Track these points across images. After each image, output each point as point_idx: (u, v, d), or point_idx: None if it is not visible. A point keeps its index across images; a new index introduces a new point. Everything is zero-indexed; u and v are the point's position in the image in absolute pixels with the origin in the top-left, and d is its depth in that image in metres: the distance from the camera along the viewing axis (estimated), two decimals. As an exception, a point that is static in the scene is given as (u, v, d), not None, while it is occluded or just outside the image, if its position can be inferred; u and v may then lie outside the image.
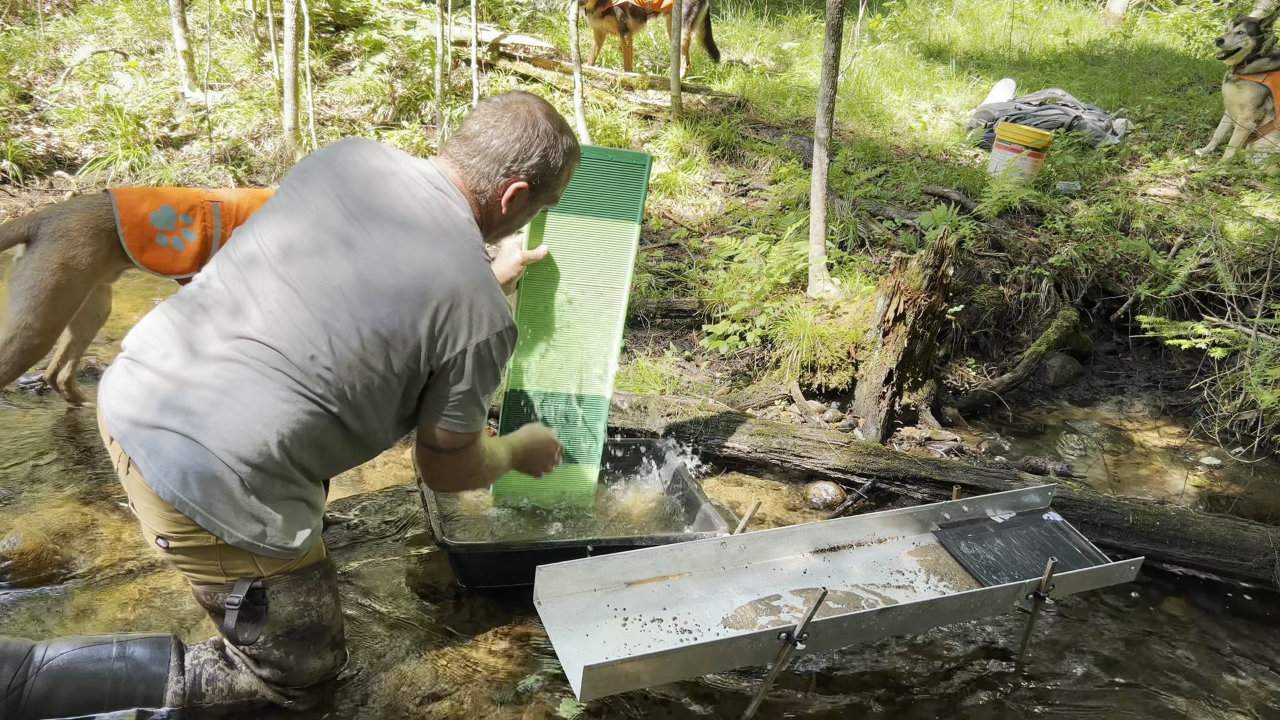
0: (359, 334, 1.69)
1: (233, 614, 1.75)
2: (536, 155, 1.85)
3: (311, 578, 1.87)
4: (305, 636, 1.89)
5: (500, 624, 2.35)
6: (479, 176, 1.84)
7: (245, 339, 1.69)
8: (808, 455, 3.24)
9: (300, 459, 1.73)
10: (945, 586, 2.42)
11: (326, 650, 1.95)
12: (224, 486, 1.65)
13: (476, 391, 1.80)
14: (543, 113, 1.86)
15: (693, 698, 2.18)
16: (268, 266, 1.73)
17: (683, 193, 5.83)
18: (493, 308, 1.76)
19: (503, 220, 1.92)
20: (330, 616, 1.94)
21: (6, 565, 2.27)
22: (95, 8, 7.19)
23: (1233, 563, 2.84)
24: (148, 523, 1.73)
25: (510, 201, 1.87)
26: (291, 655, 1.88)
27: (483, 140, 1.83)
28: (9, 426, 2.97)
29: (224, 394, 1.66)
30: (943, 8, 10.46)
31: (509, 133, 1.83)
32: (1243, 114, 6.01)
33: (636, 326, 4.30)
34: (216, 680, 1.89)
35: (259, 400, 1.66)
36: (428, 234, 1.74)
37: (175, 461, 1.63)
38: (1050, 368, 4.50)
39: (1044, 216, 5.22)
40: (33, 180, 5.51)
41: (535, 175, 1.86)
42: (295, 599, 1.85)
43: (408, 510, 2.82)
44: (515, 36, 7.17)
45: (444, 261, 1.72)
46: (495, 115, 1.84)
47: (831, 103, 4.19)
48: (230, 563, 1.75)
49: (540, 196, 1.93)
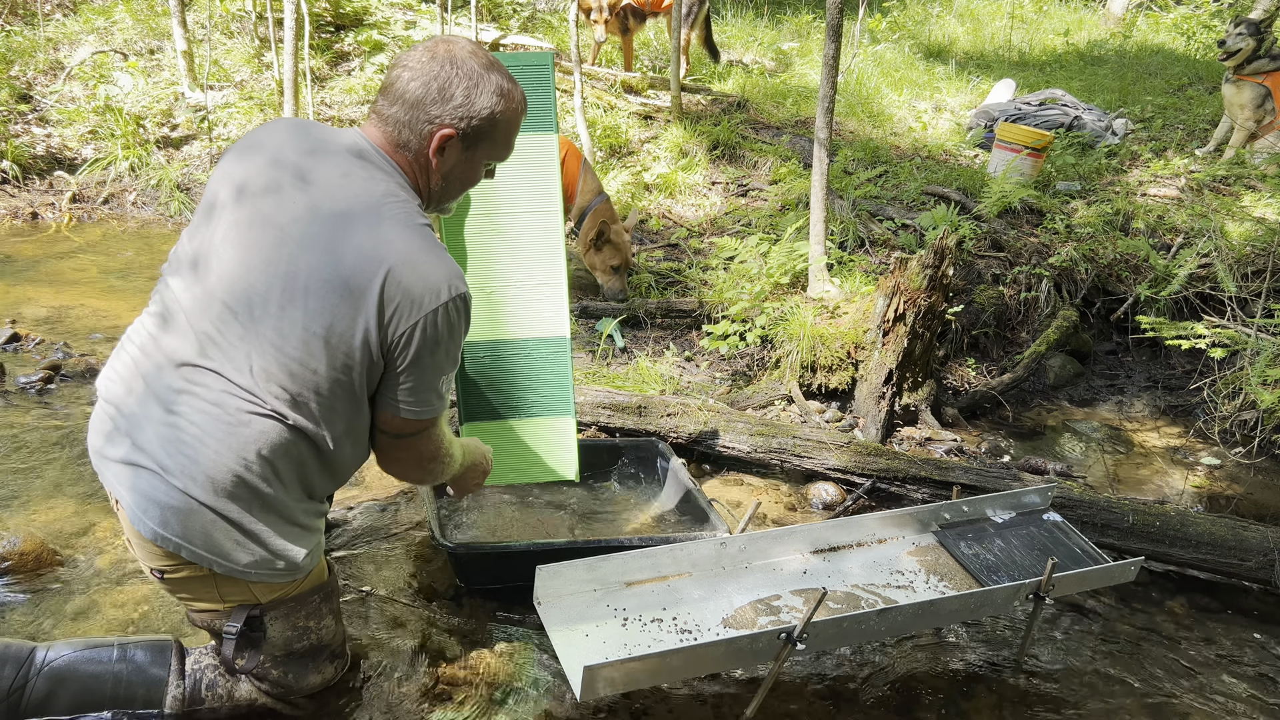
0: (298, 339, 1.58)
1: (230, 643, 1.74)
2: (459, 96, 1.61)
3: (310, 603, 1.83)
4: (304, 656, 1.88)
5: (500, 624, 2.35)
6: (399, 127, 1.64)
7: (190, 366, 1.60)
8: (808, 455, 3.24)
9: (272, 480, 1.64)
10: (945, 586, 2.42)
11: (325, 664, 1.94)
12: (202, 520, 1.60)
13: (429, 372, 1.65)
14: (466, 51, 1.65)
15: (693, 698, 2.18)
16: (203, 284, 1.62)
17: (683, 193, 5.83)
18: (434, 278, 1.58)
19: (440, 180, 1.71)
20: (330, 636, 1.91)
21: (6, 565, 2.27)
22: (95, 8, 7.19)
23: (1233, 563, 2.84)
24: (138, 557, 1.70)
25: (440, 154, 1.66)
26: (290, 674, 1.87)
27: (400, 86, 1.62)
28: (9, 426, 2.97)
29: (180, 428, 1.58)
30: (943, 8, 10.46)
31: (425, 73, 1.61)
32: (1243, 114, 6.01)
33: (636, 326, 4.30)
34: (216, 686, 1.88)
35: (215, 429, 1.58)
36: (355, 217, 1.58)
37: (152, 499, 1.58)
38: (1050, 368, 4.50)
39: (1044, 216, 5.22)
40: (33, 180, 5.52)
41: (461, 120, 1.63)
42: (294, 624, 1.82)
43: (407, 510, 2.82)
44: (515, 37, 7.17)
45: (370, 241, 1.57)
46: (414, 59, 1.64)
47: (831, 103, 4.19)
48: (226, 590, 1.72)
49: (478, 147, 1.69)
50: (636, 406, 3.31)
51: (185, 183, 5.73)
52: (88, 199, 5.50)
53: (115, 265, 4.70)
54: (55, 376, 3.34)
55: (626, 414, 3.29)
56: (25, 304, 4.05)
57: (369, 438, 1.77)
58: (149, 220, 5.48)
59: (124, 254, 4.86)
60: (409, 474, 1.91)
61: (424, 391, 1.68)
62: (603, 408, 3.31)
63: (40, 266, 4.57)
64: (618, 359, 4.00)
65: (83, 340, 3.73)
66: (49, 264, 4.61)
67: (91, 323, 3.93)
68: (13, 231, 5.04)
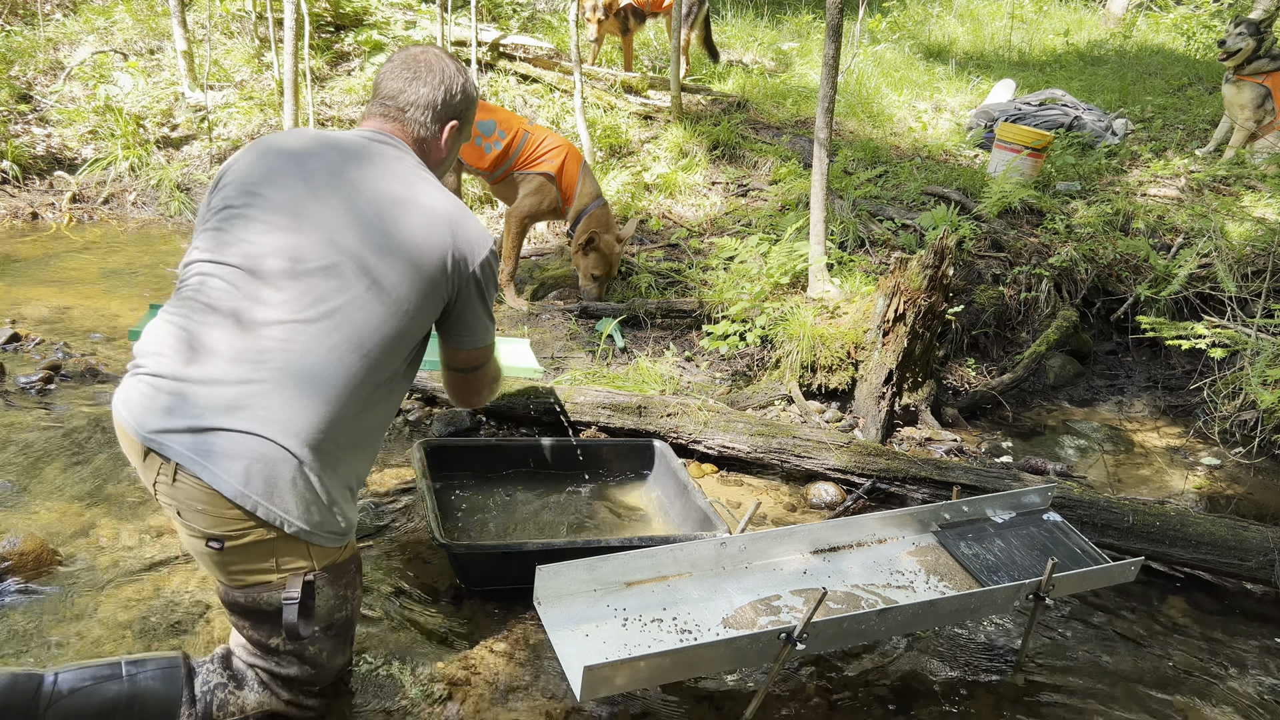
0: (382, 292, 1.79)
1: (291, 608, 1.76)
2: (459, 93, 2.03)
3: (349, 570, 1.89)
4: (340, 632, 1.91)
5: (500, 624, 2.35)
6: (418, 126, 1.99)
7: (278, 325, 1.72)
8: (808, 455, 3.24)
9: (347, 438, 1.78)
10: (945, 586, 2.42)
11: (348, 645, 1.98)
12: (285, 476, 1.68)
13: (489, 305, 1.97)
14: (446, 56, 2.04)
15: (693, 698, 2.18)
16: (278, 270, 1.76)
17: (683, 193, 5.83)
18: (479, 229, 1.92)
19: (441, 161, 2.07)
20: (356, 611, 1.97)
21: (6, 565, 2.27)
22: (95, 8, 7.19)
23: (1233, 563, 2.84)
24: (200, 526, 1.71)
25: (447, 142, 2.05)
26: (325, 651, 1.89)
27: (410, 94, 1.98)
28: (9, 426, 2.97)
29: (271, 385, 1.68)
30: (943, 8, 10.46)
31: (431, 81, 1.99)
32: (1243, 114, 6.01)
33: (636, 326, 4.30)
34: (228, 705, 1.87)
35: (306, 387, 1.70)
36: (410, 196, 1.87)
37: (236, 457, 1.65)
38: (1050, 368, 4.50)
39: (1044, 217, 5.22)
40: (33, 180, 5.52)
41: (460, 111, 2.04)
42: (337, 592, 1.86)
43: (407, 510, 2.82)
44: (515, 37, 7.16)
45: (431, 210, 1.87)
46: (410, 71, 1.99)
47: (831, 103, 4.19)
48: (284, 557, 1.76)
49: (464, 130, 2.10)
50: (636, 406, 3.31)
51: (185, 183, 5.73)
52: (88, 199, 5.50)
53: (115, 265, 4.70)
54: (55, 376, 3.34)
55: (626, 414, 3.29)
56: (25, 304, 4.05)
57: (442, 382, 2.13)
58: (149, 220, 5.48)
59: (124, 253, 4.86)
60: (484, 399, 2.21)
61: (485, 320, 1.97)
62: (603, 408, 3.31)
63: (40, 266, 4.57)
64: (618, 359, 3.99)
65: (83, 340, 3.73)
66: (49, 264, 4.61)
67: (91, 323, 3.93)
68: (13, 231, 5.05)
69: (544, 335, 4.10)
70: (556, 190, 4.31)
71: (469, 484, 2.87)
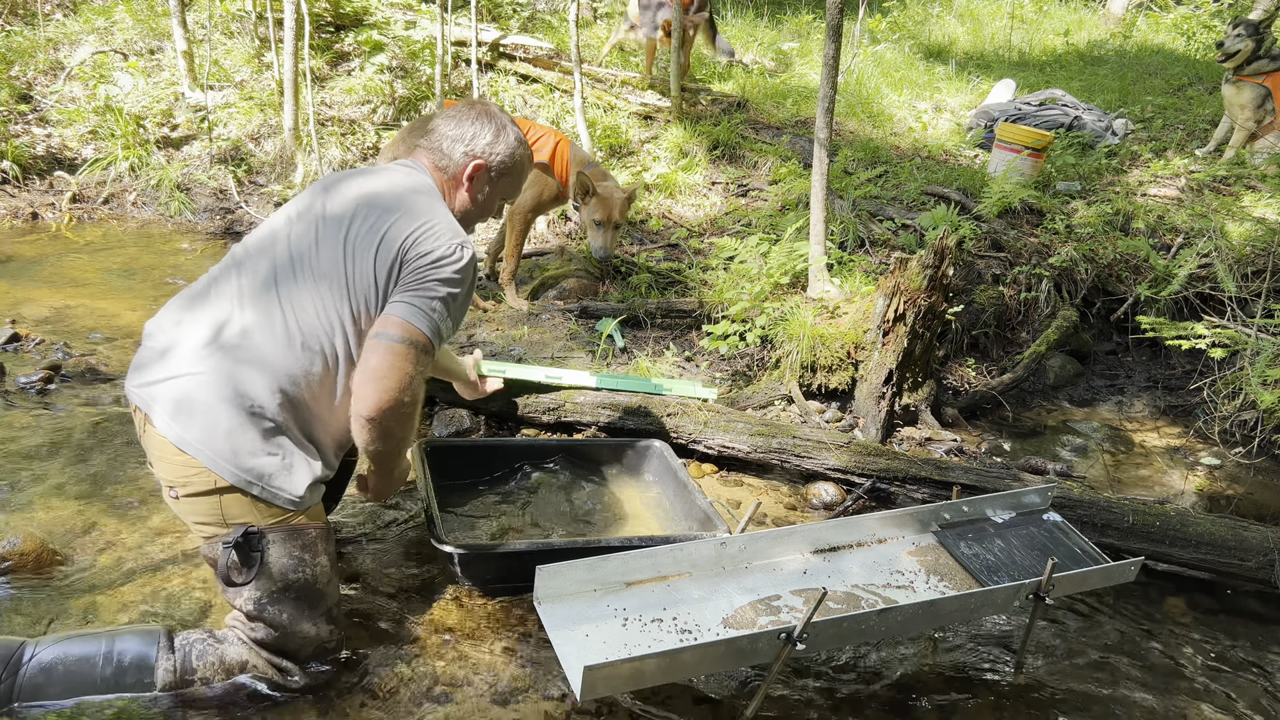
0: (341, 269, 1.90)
1: (227, 552, 1.81)
2: (489, 135, 2.13)
3: (307, 534, 1.93)
4: (300, 596, 1.93)
5: (500, 624, 2.35)
6: (440, 155, 2.13)
7: (253, 296, 1.88)
8: (808, 455, 3.24)
9: (303, 405, 1.87)
10: (945, 586, 2.42)
11: (321, 620, 1.98)
12: (226, 427, 1.78)
13: (434, 292, 1.91)
14: (495, 109, 2.19)
15: (693, 698, 2.18)
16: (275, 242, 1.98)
17: (683, 193, 5.83)
18: (453, 230, 1.96)
19: (465, 202, 2.15)
20: (325, 582, 1.97)
21: (6, 565, 2.27)
22: (95, 8, 7.19)
23: (1233, 563, 2.84)
24: (160, 473, 1.85)
25: (472, 180, 2.13)
26: (285, 614, 1.92)
27: (444, 129, 2.14)
28: (9, 426, 2.97)
29: (234, 345, 1.82)
30: (943, 8, 10.46)
31: (465, 119, 2.14)
32: (1243, 115, 6.01)
33: (636, 326, 4.30)
34: (206, 654, 1.92)
35: (266, 347, 1.83)
36: (396, 195, 2.00)
37: (181, 404, 1.79)
38: (1050, 368, 4.50)
39: (1044, 217, 5.22)
40: (33, 180, 5.52)
41: (490, 155, 2.13)
42: (290, 551, 1.90)
43: (407, 511, 2.82)
44: (515, 37, 7.17)
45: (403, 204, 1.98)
46: (456, 114, 2.17)
47: (831, 103, 4.19)
48: (230, 510, 1.83)
49: (500, 183, 2.17)
50: (636, 406, 3.31)
51: (185, 183, 5.73)
52: (88, 199, 5.50)
53: (115, 265, 4.70)
54: (55, 376, 3.34)
55: (626, 414, 3.29)
56: (25, 304, 4.05)
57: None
58: (149, 220, 5.48)
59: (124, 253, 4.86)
60: (390, 399, 1.83)
61: (425, 305, 1.90)
62: (603, 408, 3.31)
63: (40, 266, 4.57)
64: (618, 359, 3.99)
65: (83, 340, 3.73)
66: (49, 264, 4.61)
67: (91, 323, 3.93)
68: (13, 231, 5.05)
69: (544, 335, 4.10)
70: (554, 179, 4.28)
71: (469, 484, 2.87)
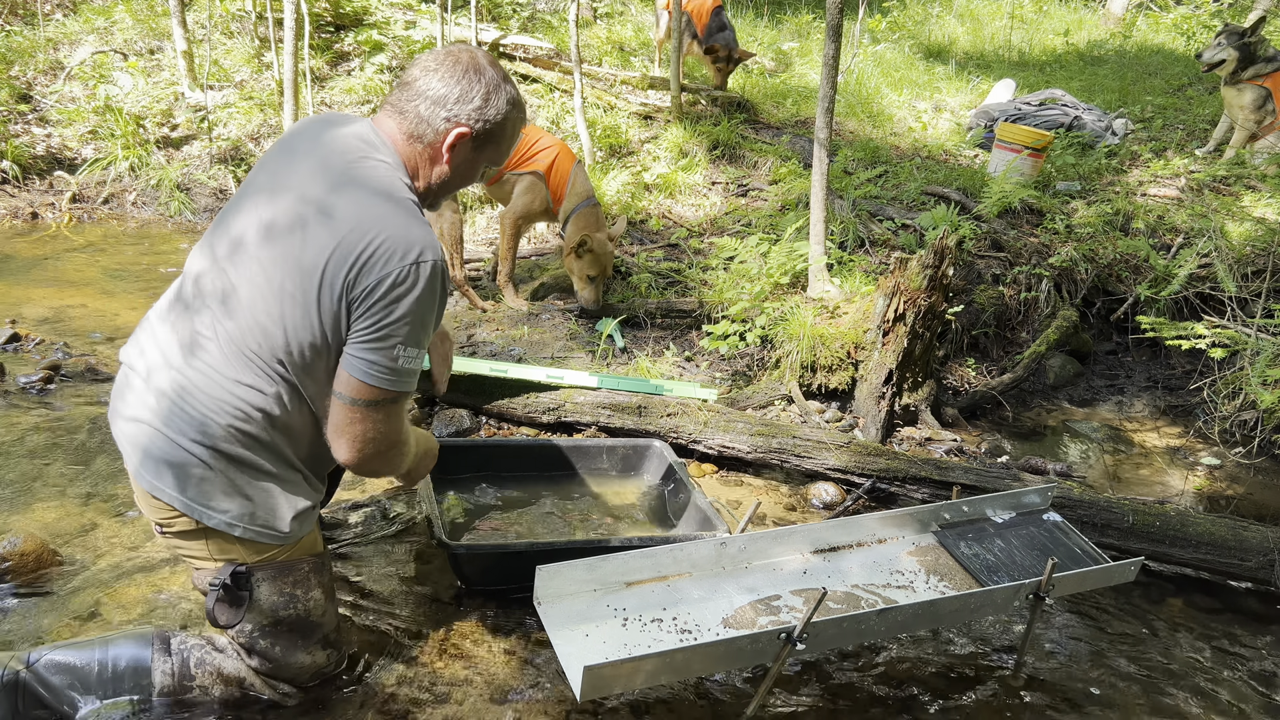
0: (274, 299, 1.65)
1: (213, 594, 1.77)
2: (478, 98, 1.73)
3: (299, 569, 1.86)
4: (293, 629, 1.88)
5: (500, 624, 2.35)
6: (417, 121, 1.74)
7: (197, 332, 1.71)
8: (808, 455, 3.24)
9: (266, 440, 1.73)
10: (945, 586, 2.42)
11: (317, 648, 1.94)
12: (194, 472, 1.69)
13: (392, 333, 1.64)
14: (486, 60, 1.77)
15: (693, 698, 2.18)
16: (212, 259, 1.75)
17: (683, 193, 5.83)
18: (410, 238, 1.63)
19: (444, 174, 1.79)
20: (320, 613, 1.92)
21: (7, 566, 2.27)
22: (95, 8, 7.19)
23: (1233, 563, 2.84)
24: (144, 511, 1.80)
25: (453, 149, 1.76)
26: (278, 647, 1.87)
27: (422, 84, 1.73)
28: (9, 426, 2.97)
29: (186, 385, 1.69)
30: (943, 8, 10.46)
31: (449, 75, 1.73)
32: (1243, 115, 6.01)
33: (636, 326, 4.30)
34: (205, 663, 1.88)
35: (219, 384, 1.68)
36: (340, 186, 1.67)
37: (148, 452, 1.70)
38: (1050, 368, 4.50)
39: (1044, 217, 5.22)
40: (33, 180, 5.52)
41: (477, 121, 1.75)
42: (280, 589, 1.84)
43: (408, 511, 2.82)
44: (515, 37, 7.17)
45: (350, 204, 1.64)
46: (436, 61, 1.75)
47: (831, 103, 4.19)
48: (217, 547, 1.78)
49: (484, 149, 1.81)
50: (636, 406, 3.31)
51: (185, 183, 5.73)
52: (88, 199, 5.50)
53: (115, 265, 4.70)
54: (55, 376, 3.34)
55: (626, 414, 3.29)
56: (25, 304, 4.05)
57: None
58: (149, 220, 5.48)
59: (124, 253, 4.86)
60: (357, 454, 1.74)
61: (383, 354, 1.65)
62: (603, 408, 3.31)
63: (40, 266, 4.57)
64: (618, 359, 3.99)
65: (83, 340, 3.73)
66: (49, 264, 4.61)
67: (91, 323, 3.93)
68: (13, 231, 5.05)
69: (544, 335, 4.10)
70: (545, 189, 4.28)
71: (469, 484, 2.87)
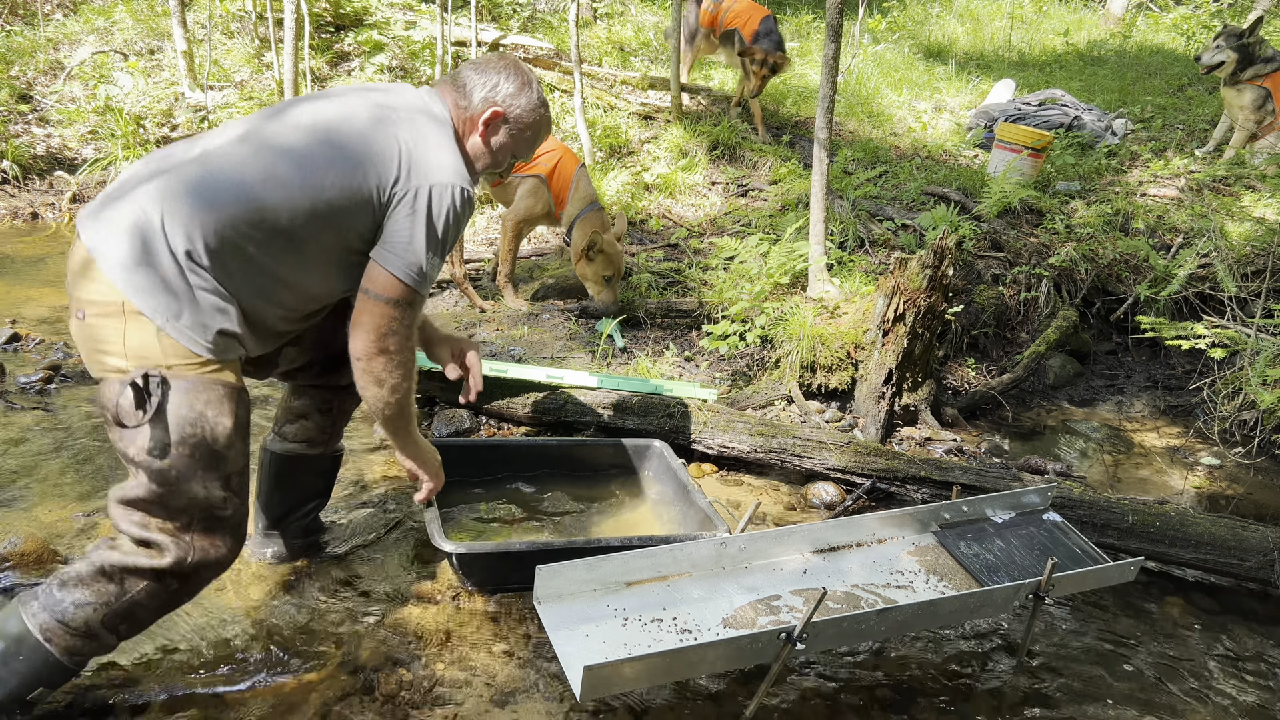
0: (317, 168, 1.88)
1: (123, 389, 1.73)
2: (512, 86, 2.12)
3: (214, 391, 1.83)
4: (194, 454, 1.81)
5: (500, 624, 2.35)
6: (462, 94, 2.11)
7: (208, 153, 1.87)
8: (807, 455, 3.24)
9: (227, 260, 1.83)
10: (945, 586, 2.42)
11: (215, 484, 1.84)
12: (153, 258, 1.76)
13: (419, 236, 1.93)
14: (524, 67, 2.18)
15: (693, 698, 2.18)
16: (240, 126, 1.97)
17: (683, 193, 5.83)
18: (448, 162, 1.96)
19: (480, 144, 2.13)
20: (226, 445, 1.85)
21: (7, 565, 2.27)
22: (95, 8, 7.19)
23: (1233, 563, 2.84)
24: (76, 293, 1.80)
25: (488, 125, 2.11)
26: (174, 470, 1.79)
27: (469, 73, 2.13)
28: (9, 426, 2.97)
29: (181, 188, 1.81)
30: (943, 8, 10.46)
31: (491, 68, 2.14)
32: (1243, 115, 6.02)
33: (636, 326, 4.30)
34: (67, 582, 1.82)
35: (207, 195, 1.81)
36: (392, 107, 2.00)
37: (115, 224, 1.78)
38: (1050, 368, 4.50)
39: (1044, 217, 5.22)
40: (33, 180, 5.52)
41: (509, 105, 2.12)
42: (191, 404, 1.80)
43: (407, 511, 2.82)
44: (515, 37, 7.17)
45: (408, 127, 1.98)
46: (483, 62, 2.17)
47: (831, 103, 4.19)
48: (134, 339, 1.76)
49: (515, 136, 2.15)
50: (636, 406, 3.31)
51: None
52: (88, 199, 5.50)
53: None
54: (55, 376, 3.34)
55: (626, 414, 3.30)
56: (25, 304, 4.05)
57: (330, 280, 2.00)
58: (149, 220, 5.48)
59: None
60: (357, 339, 1.99)
61: (408, 252, 1.93)
62: (602, 407, 3.31)
63: (40, 266, 4.57)
64: (618, 359, 4.00)
65: (83, 340, 3.73)
66: (49, 264, 4.61)
67: (91, 323, 3.93)
68: (13, 231, 5.05)
69: (544, 335, 4.10)
70: (548, 192, 4.28)
71: (469, 484, 2.87)
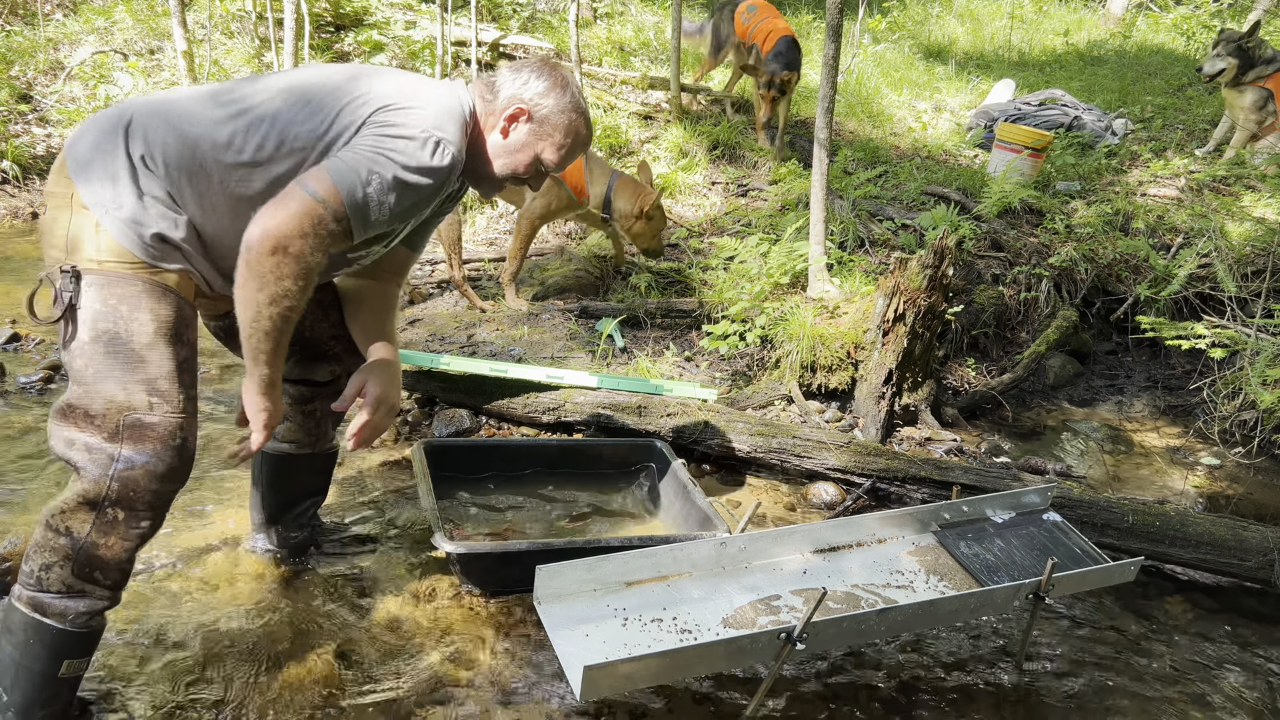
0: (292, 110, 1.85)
1: (47, 282, 1.82)
2: (541, 86, 2.01)
3: (133, 285, 1.79)
4: (109, 352, 1.77)
5: (500, 624, 2.35)
6: (490, 88, 2.02)
7: (187, 94, 1.90)
8: (807, 455, 3.24)
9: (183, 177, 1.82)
10: (945, 586, 2.42)
11: (135, 387, 1.77)
12: (109, 155, 1.80)
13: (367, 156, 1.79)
14: (565, 73, 2.07)
15: (693, 698, 2.18)
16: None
17: (683, 193, 5.83)
18: (434, 107, 1.86)
19: (500, 140, 2.02)
20: (144, 344, 1.79)
21: (7, 566, 2.27)
22: (95, 8, 7.19)
23: (1233, 563, 2.84)
24: (46, 185, 1.90)
25: (511, 121, 2.00)
26: (90, 368, 1.77)
27: (503, 71, 2.06)
28: (9, 426, 2.97)
29: (155, 108, 1.85)
30: (943, 8, 10.46)
31: (525, 67, 2.05)
32: (1244, 116, 6.02)
33: (636, 326, 4.30)
34: (29, 547, 1.80)
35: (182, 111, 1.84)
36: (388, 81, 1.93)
37: (89, 128, 1.85)
38: (1050, 368, 4.50)
39: (1044, 217, 5.22)
40: (33, 180, 5.52)
41: (536, 104, 2.00)
42: (105, 299, 1.78)
43: (407, 512, 2.82)
44: (515, 37, 7.17)
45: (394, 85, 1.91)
46: (521, 62, 2.08)
47: (831, 103, 4.20)
48: (76, 233, 1.80)
49: (539, 139, 2.02)
50: (636, 406, 3.31)
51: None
52: (88, 199, 5.50)
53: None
54: (55, 376, 3.34)
55: (626, 414, 3.30)
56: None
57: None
58: (149, 220, 5.48)
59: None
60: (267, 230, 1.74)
61: (360, 168, 1.78)
62: (603, 407, 3.31)
63: (40, 267, 4.56)
64: (618, 359, 4.00)
65: (83, 340, 3.73)
66: (49, 264, 4.61)
67: (91, 323, 3.93)
68: (13, 231, 5.05)
69: (544, 335, 4.10)
70: (565, 189, 4.28)
71: (469, 484, 2.87)
